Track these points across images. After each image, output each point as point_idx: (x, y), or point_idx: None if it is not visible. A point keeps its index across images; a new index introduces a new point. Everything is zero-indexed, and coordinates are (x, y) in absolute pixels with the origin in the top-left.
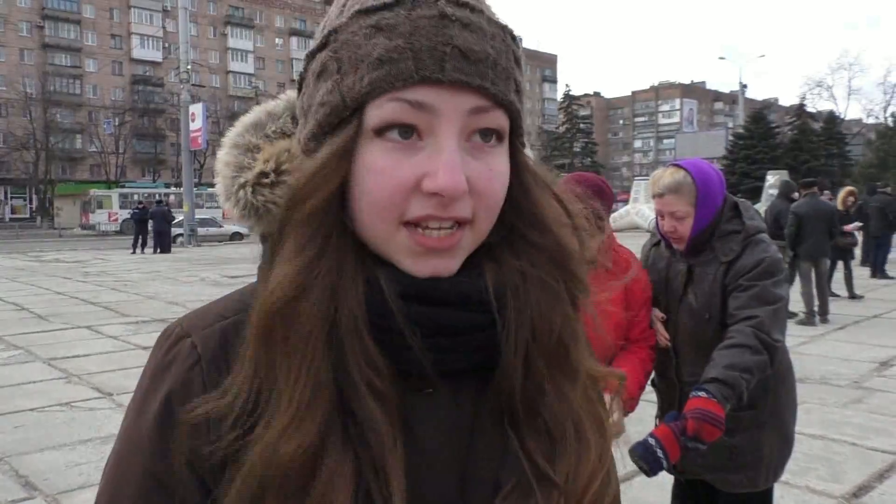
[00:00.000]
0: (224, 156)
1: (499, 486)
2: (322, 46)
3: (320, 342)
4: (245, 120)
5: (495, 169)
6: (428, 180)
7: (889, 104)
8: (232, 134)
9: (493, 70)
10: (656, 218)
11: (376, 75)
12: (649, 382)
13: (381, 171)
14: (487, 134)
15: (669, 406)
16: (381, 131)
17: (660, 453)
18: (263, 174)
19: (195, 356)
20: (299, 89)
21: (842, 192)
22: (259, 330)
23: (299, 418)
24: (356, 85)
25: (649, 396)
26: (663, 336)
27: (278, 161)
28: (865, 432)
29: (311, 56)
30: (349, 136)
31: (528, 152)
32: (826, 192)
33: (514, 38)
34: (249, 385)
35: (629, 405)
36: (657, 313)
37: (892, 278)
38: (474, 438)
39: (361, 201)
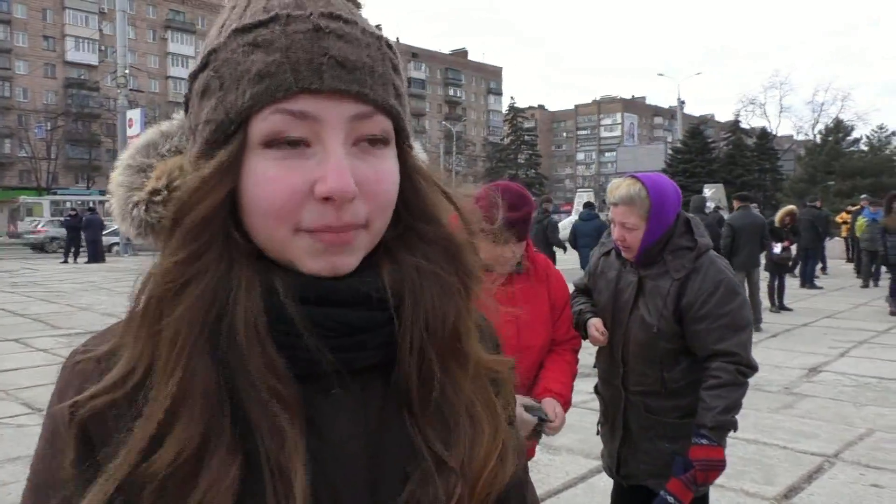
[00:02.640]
0: (117, 176)
1: (406, 478)
2: (203, 66)
3: (193, 344)
4: (137, 142)
5: (383, 170)
6: (319, 185)
7: (817, 122)
8: (125, 156)
9: (370, 77)
10: (609, 225)
11: (257, 89)
12: (592, 389)
13: (272, 179)
14: (374, 140)
15: (614, 414)
16: (269, 143)
17: None
18: (155, 191)
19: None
20: (186, 109)
21: (781, 211)
22: (140, 314)
23: (175, 424)
24: (238, 100)
25: (592, 405)
26: (600, 334)
27: (170, 178)
28: (796, 436)
29: (193, 77)
30: (234, 150)
31: (420, 154)
32: (754, 204)
33: (390, 46)
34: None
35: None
36: (599, 326)
37: (820, 288)
38: (382, 433)
39: (254, 210)
